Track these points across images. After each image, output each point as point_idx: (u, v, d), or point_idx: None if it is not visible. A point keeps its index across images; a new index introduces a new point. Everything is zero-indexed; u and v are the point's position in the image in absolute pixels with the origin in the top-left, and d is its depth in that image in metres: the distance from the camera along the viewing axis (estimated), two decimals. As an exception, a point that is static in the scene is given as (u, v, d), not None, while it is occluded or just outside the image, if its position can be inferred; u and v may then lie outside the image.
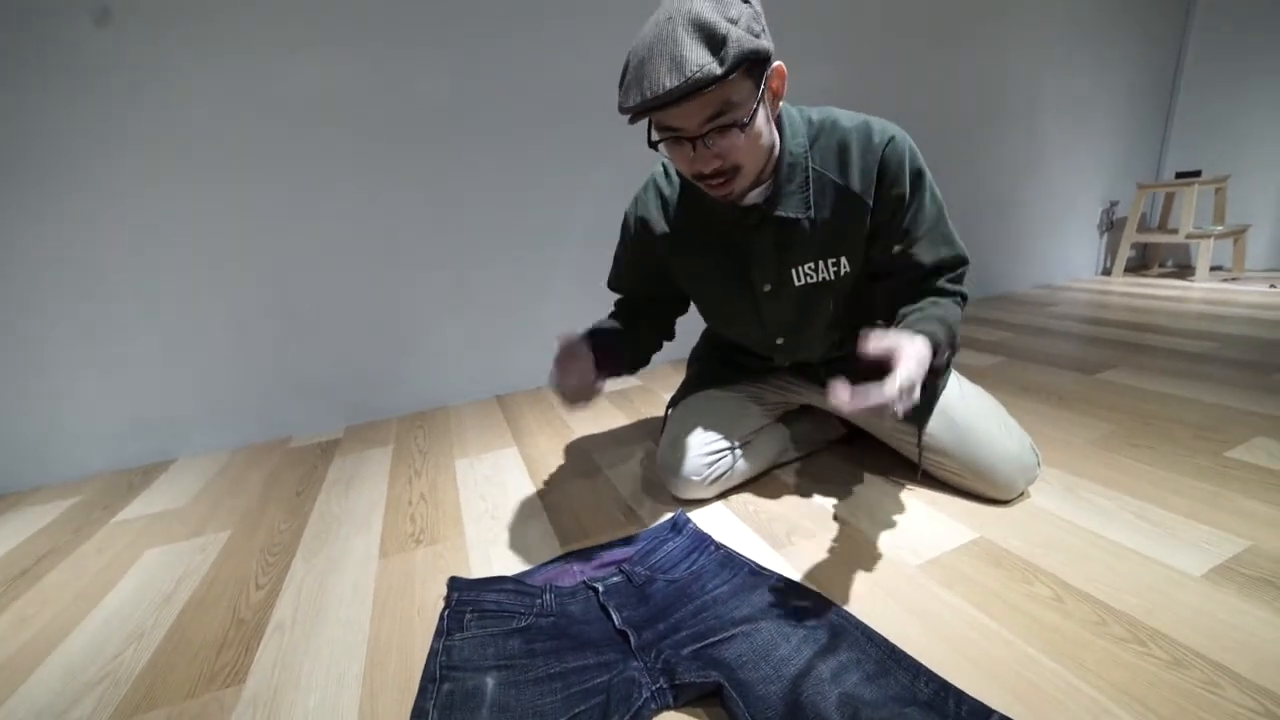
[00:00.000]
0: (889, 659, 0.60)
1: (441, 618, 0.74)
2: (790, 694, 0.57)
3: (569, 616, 0.74)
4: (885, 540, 0.86)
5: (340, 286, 1.60)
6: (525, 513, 1.06)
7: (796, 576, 0.79)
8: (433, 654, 0.68)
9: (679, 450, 1.02)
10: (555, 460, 1.28)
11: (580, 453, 1.31)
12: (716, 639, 0.66)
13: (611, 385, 1.80)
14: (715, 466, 1.01)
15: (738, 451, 1.04)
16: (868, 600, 0.71)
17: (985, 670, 0.61)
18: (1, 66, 1.26)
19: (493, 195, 1.69)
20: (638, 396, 1.65)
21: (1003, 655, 0.63)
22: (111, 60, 1.32)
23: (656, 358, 1.10)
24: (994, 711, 0.53)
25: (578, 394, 0.87)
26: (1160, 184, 2.58)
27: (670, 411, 1.13)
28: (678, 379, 1.23)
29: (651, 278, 1.01)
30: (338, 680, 0.70)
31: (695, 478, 1.00)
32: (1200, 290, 2.33)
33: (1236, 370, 1.40)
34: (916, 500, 0.95)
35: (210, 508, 1.22)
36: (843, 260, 0.87)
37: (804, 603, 0.70)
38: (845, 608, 0.69)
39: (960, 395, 0.95)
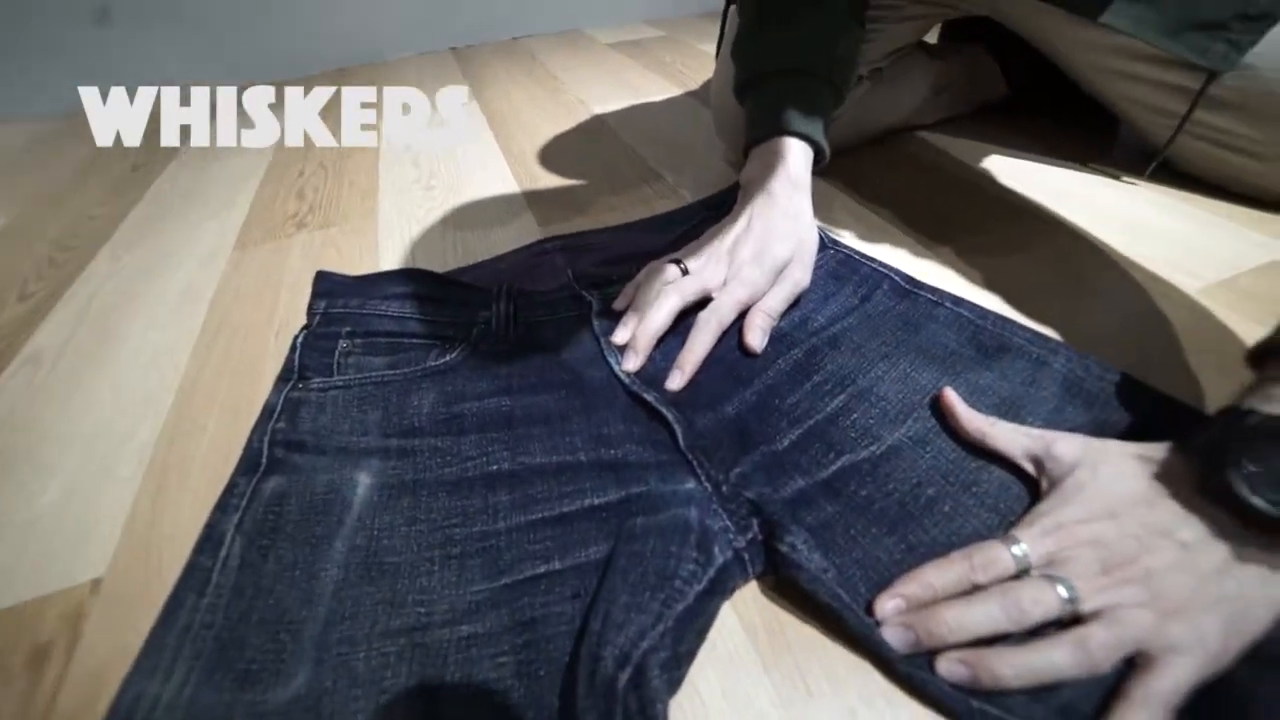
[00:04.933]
0: None
1: (294, 347, 0.35)
2: None
3: (543, 346, 0.35)
4: (1124, 249, 0.42)
5: None
6: (485, 184, 0.61)
7: (981, 299, 0.39)
8: (265, 416, 0.31)
9: None
10: (535, 115, 0.79)
11: (577, 107, 0.82)
12: (853, 454, 0.27)
13: (615, 34, 1.24)
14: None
15: (866, 83, 0.57)
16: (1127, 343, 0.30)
17: None
18: None
19: None
20: (658, 48, 1.09)
21: None
22: None
23: None
24: None
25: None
26: None
27: (733, 8, 0.56)
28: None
29: None
30: (97, 469, 0.34)
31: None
32: None
33: None
34: (1160, 198, 0.48)
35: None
36: None
37: (1035, 350, 0.31)
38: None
39: None
